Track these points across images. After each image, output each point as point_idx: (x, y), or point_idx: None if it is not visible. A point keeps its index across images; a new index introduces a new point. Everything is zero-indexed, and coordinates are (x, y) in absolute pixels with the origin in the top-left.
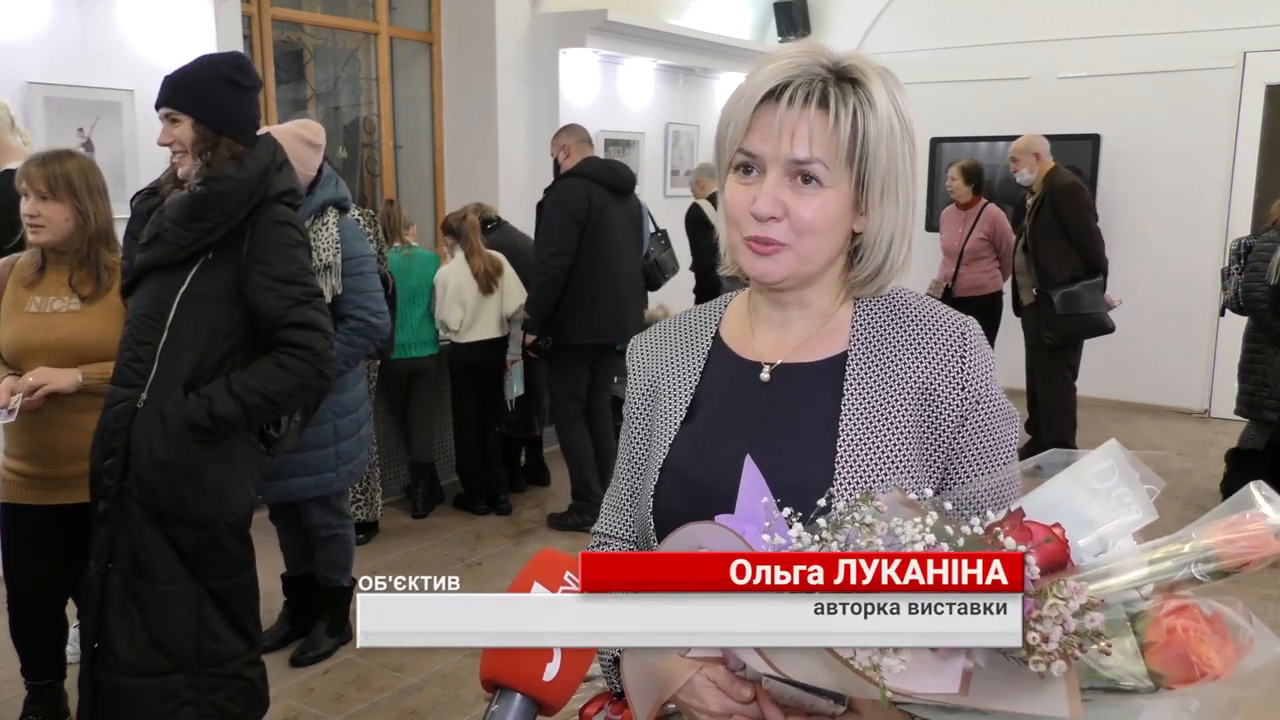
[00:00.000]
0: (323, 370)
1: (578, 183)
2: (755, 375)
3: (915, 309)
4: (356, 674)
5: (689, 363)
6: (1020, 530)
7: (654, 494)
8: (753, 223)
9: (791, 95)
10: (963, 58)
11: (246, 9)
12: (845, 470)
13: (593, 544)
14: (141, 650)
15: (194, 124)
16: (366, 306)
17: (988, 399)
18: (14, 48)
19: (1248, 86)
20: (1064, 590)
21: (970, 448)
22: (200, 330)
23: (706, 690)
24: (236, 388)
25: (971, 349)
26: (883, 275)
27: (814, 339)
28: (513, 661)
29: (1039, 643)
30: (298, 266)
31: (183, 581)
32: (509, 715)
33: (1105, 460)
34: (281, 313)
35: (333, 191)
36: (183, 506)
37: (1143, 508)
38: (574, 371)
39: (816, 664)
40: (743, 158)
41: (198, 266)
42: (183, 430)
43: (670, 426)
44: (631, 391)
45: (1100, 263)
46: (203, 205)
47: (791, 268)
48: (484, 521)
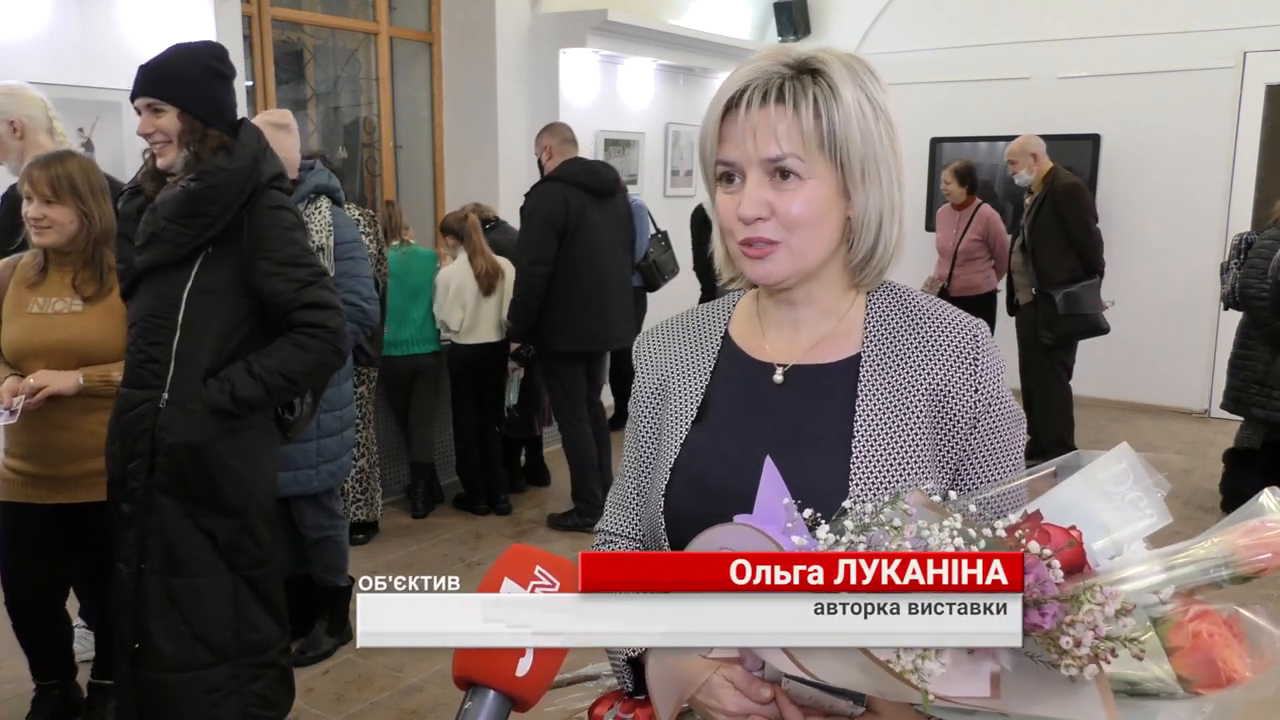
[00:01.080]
0: (339, 346)
1: (554, 188)
2: (768, 377)
3: (928, 311)
4: (356, 674)
5: (699, 362)
6: (1039, 533)
7: (665, 494)
8: (742, 227)
9: (749, 98)
10: (963, 58)
11: (246, 9)
12: (861, 473)
13: (597, 542)
14: (184, 646)
15: (180, 114)
16: (357, 291)
17: (999, 402)
18: (14, 48)
19: (1248, 86)
20: (1098, 595)
21: (981, 450)
22: (212, 325)
23: (724, 690)
24: (257, 370)
25: (984, 352)
26: (879, 257)
27: (826, 340)
28: (485, 659)
29: (1071, 646)
30: (299, 249)
31: (219, 573)
32: (483, 712)
33: (1119, 463)
34: (292, 295)
35: (325, 179)
36: (215, 494)
37: (1156, 511)
38: (568, 375)
39: (851, 668)
40: (722, 168)
41: (200, 262)
42: (207, 416)
43: (681, 427)
44: (639, 390)
45: (1099, 264)
46: (199, 200)
47: (789, 265)
48: (484, 521)
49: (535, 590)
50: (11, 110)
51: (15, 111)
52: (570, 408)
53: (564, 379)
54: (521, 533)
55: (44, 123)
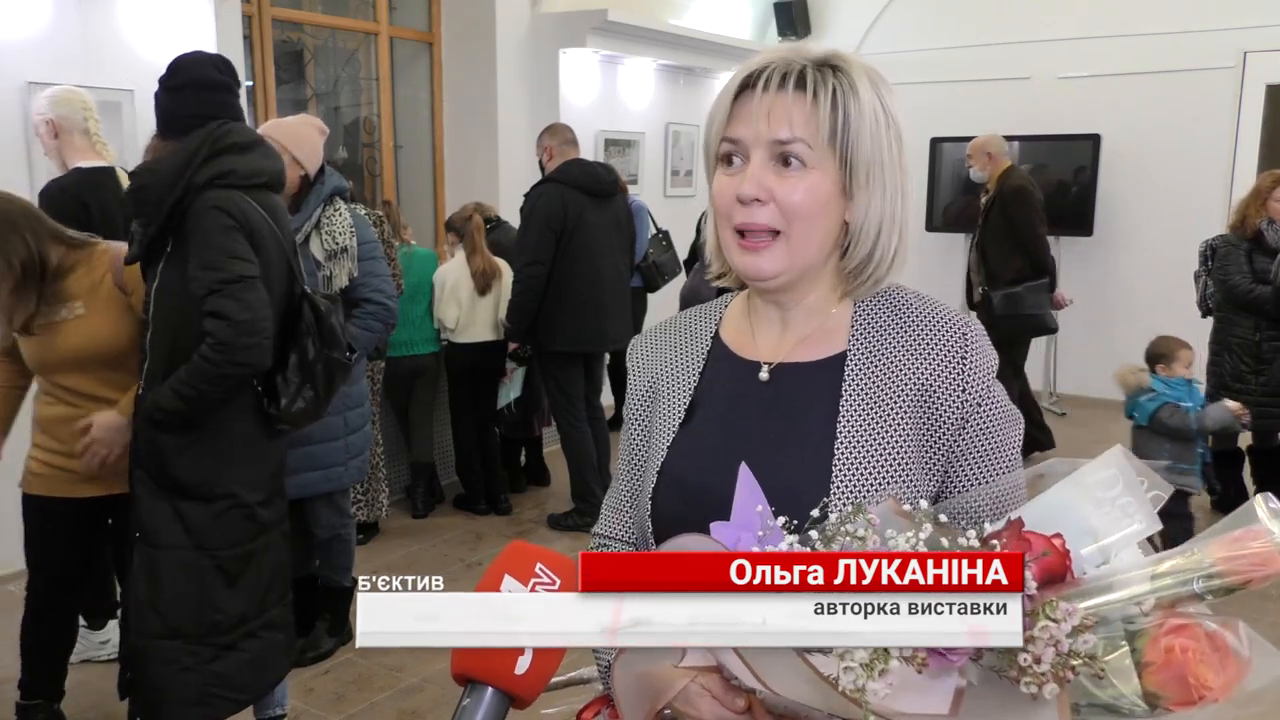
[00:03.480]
0: (235, 359)
1: (552, 189)
2: (754, 375)
3: (916, 307)
4: (356, 674)
5: (688, 364)
6: (1019, 541)
7: (651, 497)
8: (739, 209)
9: (768, 79)
10: (963, 58)
11: (246, 9)
12: (843, 472)
13: (592, 545)
14: (143, 614)
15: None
16: (381, 289)
17: (989, 401)
18: (14, 48)
19: (1248, 86)
20: (1056, 611)
21: (971, 451)
22: (171, 321)
23: (701, 698)
24: (174, 382)
25: (973, 349)
26: (874, 266)
27: (813, 337)
28: (484, 656)
29: (1030, 664)
30: (219, 251)
31: (186, 551)
32: (480, 709)
33: (1109, 468)
34: (199, 302)
35: (338, 181)
36: (171, 480)
37: (1146, 517)
38: (566, 376)
39: (800, 682)
40: (727, 146)
41: (163, 261)
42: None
43: (669, 429)
44: (631, 393)
45: (1045, 264)
46: (134, 201)
47: (783, 261)
48: (484, 521)
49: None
50: (49, 110)
51: (51, 112)
52: (568, 408)
53: (562, 379)
54: (521, 533)
55: (79, 123)
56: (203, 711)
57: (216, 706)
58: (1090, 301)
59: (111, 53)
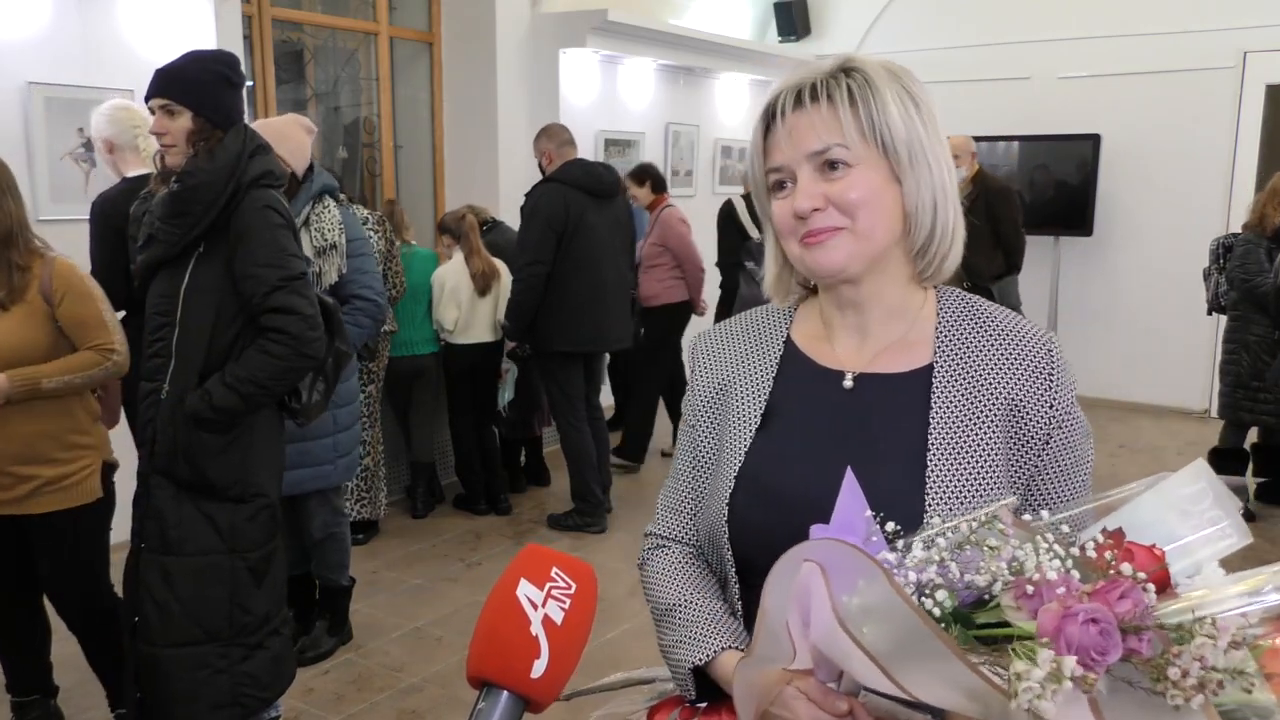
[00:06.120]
0: (304, 351)
1: (554, 189)
2: (836, 384)
3: (1000, 322)
4: (356, 674)
5: (761, 367)
6: (1124, 552)
7: (728, 502)
8: (800, 224)
9: (783, 105)
10: (963, 58)
11: (246, 9)
12: (936, 485)
13: (647, 545)
14: (173, 623)
15: (194, 117)
16: (371, 286)
17: (1071, 416)
18: (14, 48)
19: (1248, 86)
20: (1211, 628)
21: (1053, 465)
22: (205, 321)
23: (797, 701)
24: (229, 379)
25: (1058, 366)
26: (938, 241)
27: (896, 347)
28: (500, 659)
29: (1179, 677)
30: (276, 249)
31: (217, 554)
32: (496, 712)
33: (1197, 482)
34: (261, 298)
35: (326, 179)
36: (206, 483)
37: (1237, 530)
38: (566, 376)
39: (954, 690)
40: (774, 177)
41: (194, 260)
42: (190, 423)
43: (744, 433)
44: (695, 392)
45: (1021, 261)
46: (181, 201)
47: (850, 250)
48: (484, 521)
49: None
50: (104, 129)
51: (105, 131)
52: (568, 408)
53: (562, 379)
54: (521, 533)
55: (129, 140)
56: (235, 712)
57: (247, 706)
58: (1090, 301)
59: (111, 53)
